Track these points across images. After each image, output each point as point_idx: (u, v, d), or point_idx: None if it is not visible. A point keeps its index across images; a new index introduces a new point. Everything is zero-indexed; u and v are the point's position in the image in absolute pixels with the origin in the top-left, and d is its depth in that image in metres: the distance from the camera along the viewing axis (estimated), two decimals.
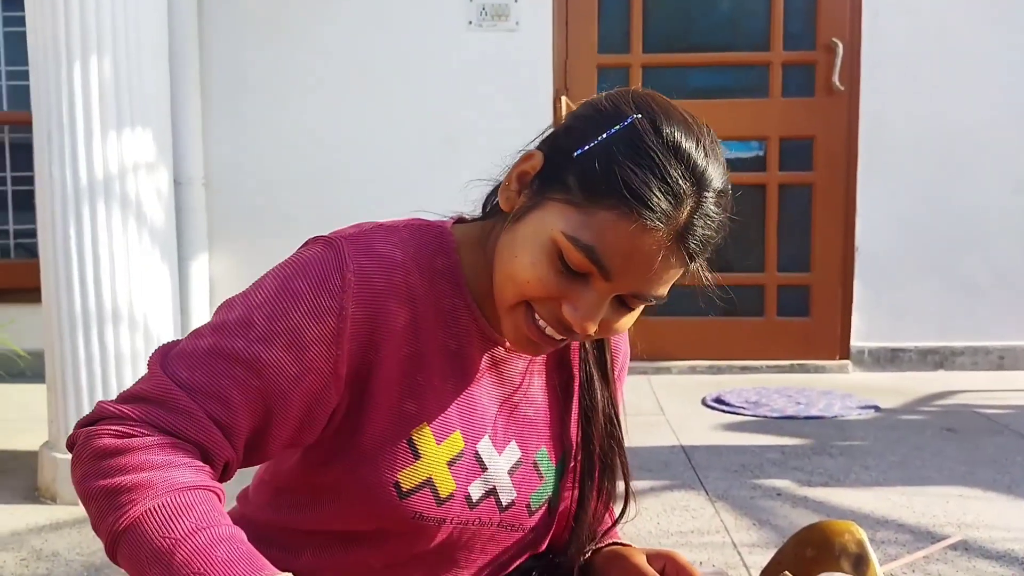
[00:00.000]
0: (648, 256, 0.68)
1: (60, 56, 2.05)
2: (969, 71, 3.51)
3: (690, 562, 0.75)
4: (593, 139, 0.70)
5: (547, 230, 0.70)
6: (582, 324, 0.71)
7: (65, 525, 2.00)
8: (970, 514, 1.98)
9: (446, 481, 0.79)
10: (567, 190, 0.70)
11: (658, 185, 0.67)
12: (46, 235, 2.12)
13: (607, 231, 0.68)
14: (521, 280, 0.72)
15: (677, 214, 0.68)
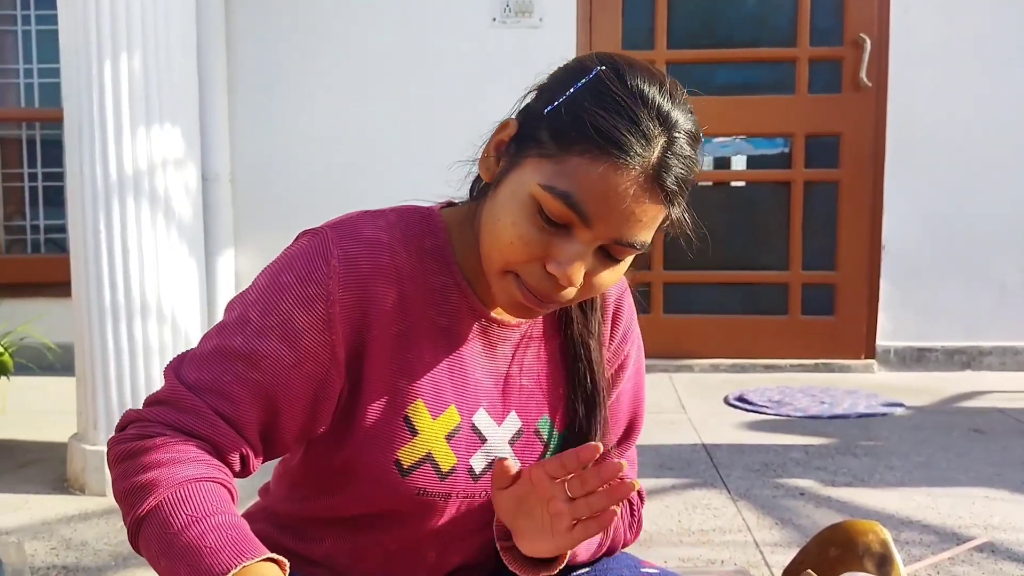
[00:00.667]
0: (624, 196, 0.68)
1: (91, 54, 2.08)
2: (999, 68, 3.45)
3: None
4: (561, 95, 0.71)
5: (524, 187, 0.71)
6: (567, 274, 0.71)
7: (94, 515, 2.04)
8: (997, 516, 1.96)
9: (446, 455, 0.80)
10: (540, 145, 0.71)
11: (626, 126, 0.68)
12: (76, 230, 2.16)
13: (581, 175, 0.68)
14: (504, 242, 0.72)
15: (648, 152, 0.69)
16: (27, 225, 3.99)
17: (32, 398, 3.08)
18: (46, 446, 2.56)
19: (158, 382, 2.17)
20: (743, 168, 3.70)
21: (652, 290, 3.69)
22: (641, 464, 2.37)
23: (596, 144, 0.68)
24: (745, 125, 3.62)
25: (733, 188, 3.76)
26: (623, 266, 0.76)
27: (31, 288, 3.66)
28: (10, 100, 3.97)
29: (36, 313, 3.20)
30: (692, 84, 0.76)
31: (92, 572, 1.75)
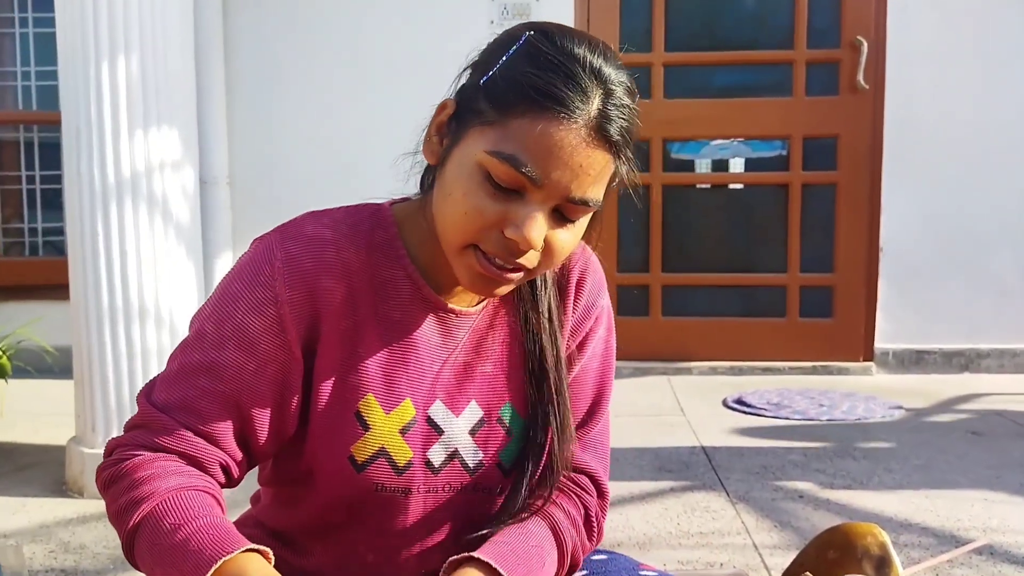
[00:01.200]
0: (569, 150, 0.69)
1: (89, 56, 2.08)
2: (997, 69, 3.46)
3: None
4: (495, 65, 0.72)
5: (471, 157, 0.71)
6: (525, 236, 0.71)
7: (92, 518, 2.04)
8: (995, 518, 1.96)
9: (401, 449, 0.80)
10: (481, 115, 0.71)
11: (562, 81, 0.69)
12: (74, 233, 2.15)
13: (525, 135, 0.69)
14: (459, 216, 0.72)
15: (587, 105, 0.69)
16: (25, 228, 3.99)
17: (30, 401, 3.07)
18: (44, 449, 2.55)
19: None
20: (741, 170, 3.71)
21: (651, 292, 3.69)
22: (640, 466, 2.38)
23: (535, 103, 0.68)
24: (743, 127, 3.63)
25: (731, 190, 3.76)
26: (580, 227, 0.76)
27: (29, 291, 3.66)
28: (7, 103, 3.97)
29: (34, 316, 3.20)
30: (690, 87, 0.76)
31: (90, 575, 1.74)
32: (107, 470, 0.77)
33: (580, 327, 0.87)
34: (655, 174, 3.64)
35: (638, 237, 3.68)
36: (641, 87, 3.12)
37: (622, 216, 3.67)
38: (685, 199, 3.71)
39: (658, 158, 3.63)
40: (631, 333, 3.68)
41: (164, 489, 0.73)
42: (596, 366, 0.88)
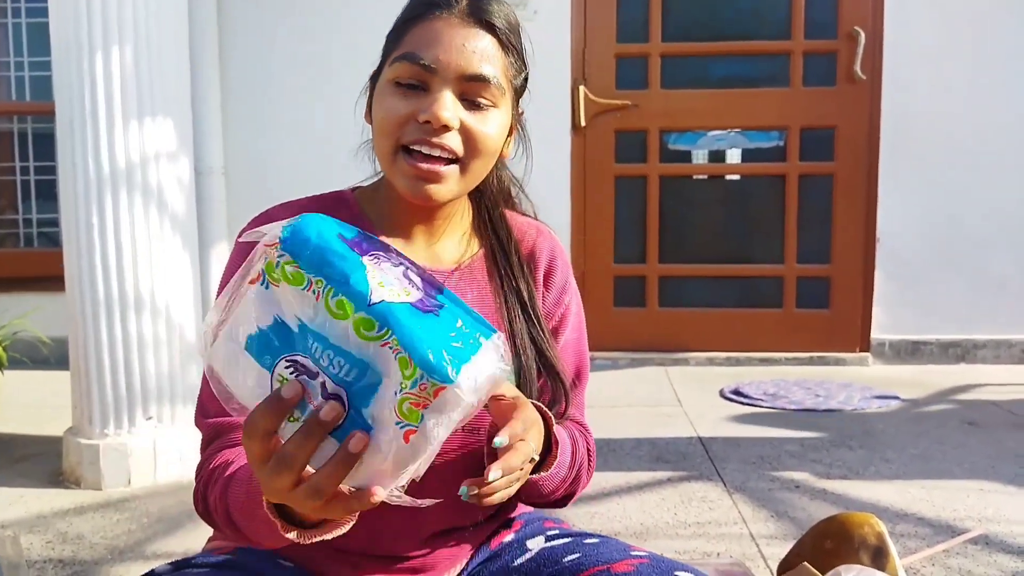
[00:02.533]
0: (451, 33, 0.79)
1: (83, 47, 2.07)
2: (995, 61, 3.46)
3: None
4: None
5: (384, 83, 0.82)
6: (434, 113, 0.78)
7: (89, 509, 2.04)
8: (991, 508, 1.97)
9: None
10: (386, 54, 0.83)
11: None
12: (69, 224, 2.15)
13: (414, 37, 0.80)
14: (383, 124, 0.81)
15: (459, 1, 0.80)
16: (19, 219, 3.97)
17: (26, 392, 3.07)
18: (41, 440, 2.55)
19: (153, 375, 2.16)
20: (738, 161, 3.70)
21: (647, 283, 3.69)
22: (637, 457, 2.38)
23: (418, 12, 0.81)
24: (740, 118, 3.62)
25: (728, 181, 3.76)
26: (495, 118, 0.82)
27: (24, 282, 3.65)
28: (1, 94, 3.95)
29: (29, 307, 3.19)
30: (687, 77, 0.78)
31: (88, 565, 1.74)
32: (198, 483, 0.81)
33: (559, 304, 0.93)
34: (652, 164, 3.63)
35: (635, 228, 3.68)
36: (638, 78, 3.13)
37: (619, 207, 3.67)
38: (682, 190, 3.70)
39: (655, 149, 3.62)
40: (628, 324, 3.68)
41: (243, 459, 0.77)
42: (575, 338, 0.95)
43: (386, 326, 0.56)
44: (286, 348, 0.58)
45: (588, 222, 3.65)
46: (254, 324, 0.58)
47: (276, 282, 0.57)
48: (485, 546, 0.93)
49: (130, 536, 1.88)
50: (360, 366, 0.56)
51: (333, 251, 0.58)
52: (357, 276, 0.57)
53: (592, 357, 3.56)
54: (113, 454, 2.15)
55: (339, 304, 0.56)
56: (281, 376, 0.58)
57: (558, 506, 0.92)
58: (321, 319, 0.57)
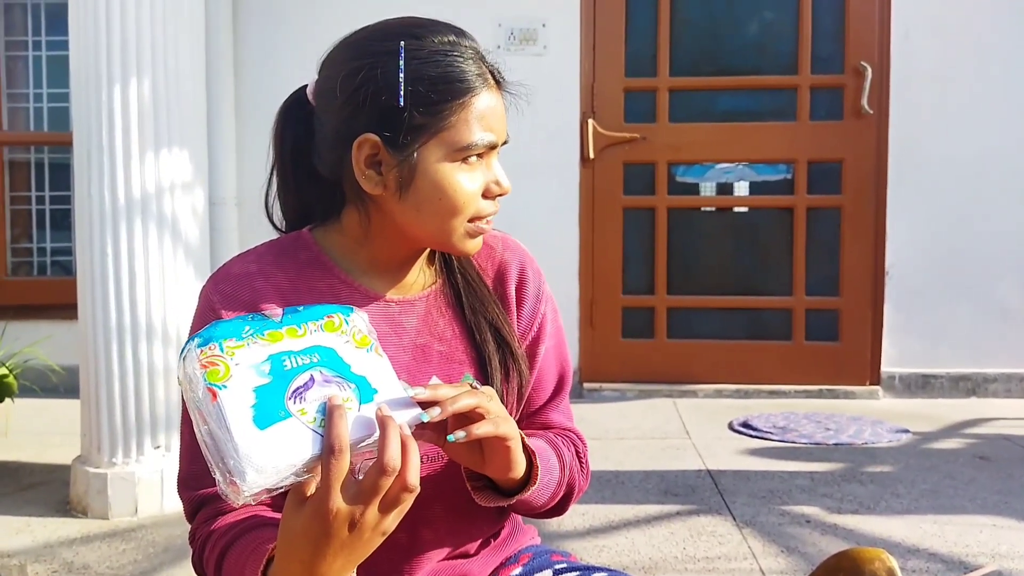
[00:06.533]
0: (495, 106, 0.83)
1: (101, 79, 2.11)
2: (1001, 94, 3.48)
3: None
4: (397, 83, 0.79)
5: (440, 162, 0.80)
6: (508, 186, 0.84)
7: (96, 538, 2.03)
8: (1004, 544, 1.94)
9: None
10: (425, 128, 0.79)
11: (460, 64, 0.80)
12: (84, 252, 2.17)
13: (470, 120, 0.80)
14: (459, 207, 0.81)
15: (481, 69, 0.82)
16: (33, 248, 4.01)
17: (36, 420, 3.07)
18: (49, 468, 2.55)
19: (163, 404, 2.17)
20: (746, 194, 3.72)
21: (656, 315, 3.69)
22: (645, 490, 2.37)
23: (456, 93, 0.79)
24: (747, 151, 3.64)
25: (736, 214, 3.77)
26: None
27: (36, 310, 3.67)
28: (19, 124, 4.01)
29: (40, 335, 3.21)
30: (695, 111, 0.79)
31: None
32: (194, 553, 0.82)
33: (535, 314, 0.94)
34: (660, 197, 3.65)
35: (644, 260, 3.69)
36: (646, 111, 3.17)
37: (627, 239, 3.68)
38: (690, 222, 3.72)
39: (663, 181, 3.64)
40: (636, 355, 3.67)
41: (231, 534, 0.78)
42: (554, 344, 0.96)
43: (298, 322, 0.69)
44: (280, 393, 0.63)
45: (596, 253, 3.66)
46: (247, 410, 0.62)
47: (224, 377, 0.63)
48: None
49: (136, 566, 1.88)
50: (318, 351, 0.67)
51: (230, 321, 0.68)
52: (257, 320, 0.68)
53: (599, 388, 3.58)
54: (121, 483, 2.15)
55: (270, 335, 0.66)
56: (301, 410, 0.63)
57: (557, 512, 0.92)
58: (276, 345, 0.66)
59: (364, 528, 0.62)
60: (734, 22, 3.67)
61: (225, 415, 0.61)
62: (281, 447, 0.61)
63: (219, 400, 0.61)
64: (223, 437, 0.60)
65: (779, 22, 3.64)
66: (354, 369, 0.67)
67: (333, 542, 0.62)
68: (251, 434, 0.60)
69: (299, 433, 0.62)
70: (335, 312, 0.70)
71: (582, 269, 3.65)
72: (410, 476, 0.62)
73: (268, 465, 0.60)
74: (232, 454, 0.60)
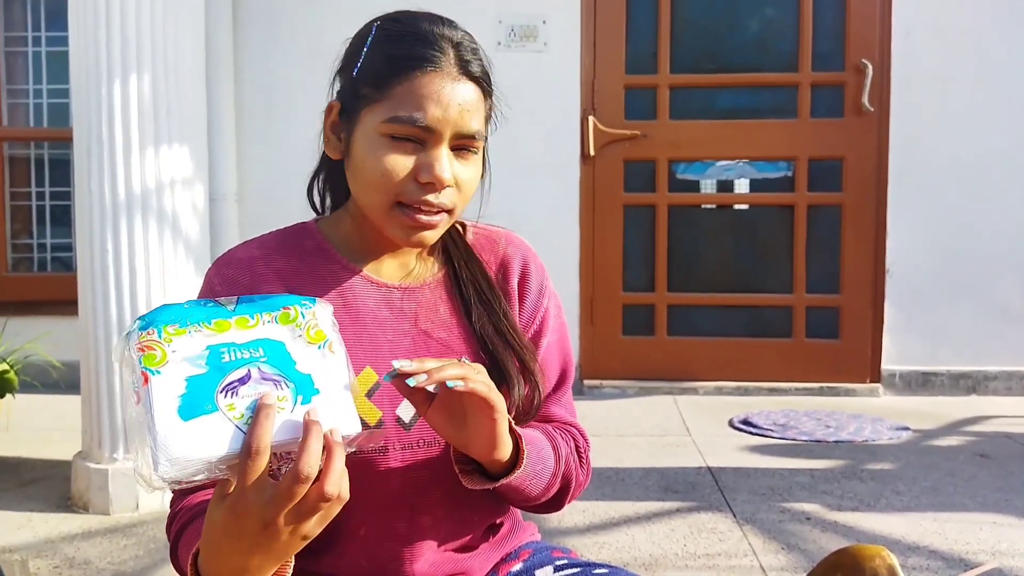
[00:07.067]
0: (447, 92, 0.80)
1: (101, 75, 2.11)
2: (1002, 93, 3.48)
3: None
4: (359, 57, 0.83)
5: (371, 131, 0.81)
6: (437, 175, 0.80)
7: (97, 534, 2.03)
8: (1004, 542, 1.94)
9: (370, 410, 0.84)
10: (366, 98, 0.82)
11: (420, 44, 0.81)
12: (84, 248, 2.17)
13: (409, 95, 0.80)
14: (377, 180, 0.81)
15: (445, 54, 0.81)
16: (34, 244, 4.01)
17: (36, 416, 3.08)
18: (50, 464, 2.55)
19: None
20: (746, 191, 3.72)
21: (656, 312, 3.69)
22: (646, 487, 2.37)
23: (407, 67, 0.80)
24: (748, 149, 3.64)
25: (736, 211, 3.77)
26: (477, 162, 0.86)
27: (36, 306, 3.67)
28: (19, 120, 4.01)
29: (41, 331, 3.21)
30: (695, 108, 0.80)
31: None
32: (167, 527, 0.84)
33: (537, 308, 0.94)
34: (661, 194, 3.65)
35: (644, 257, 3.69)
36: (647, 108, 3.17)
37: (628, 236, 3.68)
38: (691, 219, 3.72)
39: (664, 178, 3.64)
40: (637, 352, 3.67)
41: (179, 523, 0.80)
42: (557, 339, 0.96)
43: (251, 312, 0.67)
44: (212, 386, 0.62)
45: (597, 251, 3.66)
46: (175, 399, 0.61)
47: (160, 363, 0.62)
48: (494, 574, 0.93)
49: (137, 562, 1.88)
50: (263, 345, 0.65)
51: (176, 305, 0.67)
52: (207, 307, 0.67)
53: (600, 385, 3.58)
54: (122, 479, 2.15)
55: (217, 324, 0.65)
56: (230, 406, 0.62)
57: (554, 506, 0.92)
58: (219, 336, 0.64)
59: (279, 531, 0.62)
60: (735, 19, 3.67)
61: (152, 401, 0.61)
62: (199, 441, 0.60)
63: (150, 385, 0.61)
64: (147, 423, 0.60)
65: (780, 19, 3.63)
66: (299, 367, 0.65)
67: (247, 541, 0.62)
68: (173, 424, 0.60)
69: (221, 428, 0.61)
70: (293, 304, 0.68)
71: (582, 266, 3.65)
72: (327, 485, 0.61)
73: (182, 457, 0.60)
74: (149, 441, 0.60)
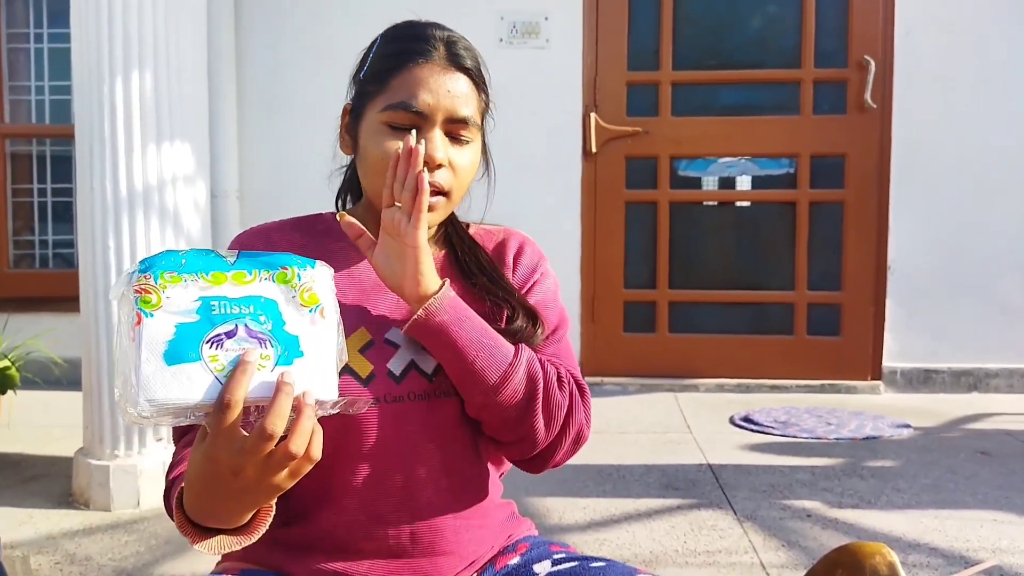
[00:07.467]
0: (437, 80, 0.90)
1: (103, 72, 2.11)
2: (1004, 88, 3.47)
3: None
4: (366, 62, 0.94)
5: (373, 124, 0.91)
6: (431, 153, 0.88)
7: (98, 530, 2.04)
8: (1005, 539, 1.94)
9: (363, 364, 0.88)
10: (368, 95, 0.92)
11: (413, 40, 0.91)
12: (86, 245, 2.17)
13: (402, 85, 0.89)
14: (379, 163, 0.89)
15: (436, 47, 0.91)
16: (35, 240, 4.02)
17: (38, 412, 3.08)
18: (51, 460, 2.56)
19: None
20: (748, 188, 3.71)
21: (657, 309, 3.69)
22: (646, 483, 2.37)
23: (400, 62, 0.90)
24: (750, 145, 3.64)
25: (738, 208, 3.77)
26: (473, 150, 0.94)
27: (38, 303, 3.68)
28: (21, 116, 4.01)
29: (43, 328, 3.22)
30: (697, 105, 0.84)
31: None
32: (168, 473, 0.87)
33: (531, 274, 1.00)
34: (662, 191, 3.65)
35: (645, 254, 3.69)
36: (648, 105, 3.18)
37: (629, 233, 3.68)
38: (692, 216, 3.71)
39: (665, 175, 3.64)
40: (638, 349, 3.67)
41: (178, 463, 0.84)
42: (551, 296, 1.00)
43: (249, 268, 0.69)
44: (200, 336, 0.65)
45: (598, 247, 3.66)
46: (162, 344, 0.65)
47: (155, 306, 0.65)
48: (491, 567, 0.94)
49: (138, 558, 1.88)
50: (255, 302, 0.68)
51: (177, 252, 0.69)
52: (208, 257, 0.69)
53: (601, 382, 3.58)
54: (123, 475, 2.15)
55: (214, 277, 0.68)
56: (213, 357, 0.65)
57: (534, 439, 0.89)
58: (213, 289, 0.67)
59: (248, 481, 0.66)
60: (737, 16, 3.66)
61: (141, 341, 0.64)
62: (179, 386, 0.64)
63: (142, 325, 0.64)
64: (133, 360, 0.64)
65: (782, 16, 3.63)
66: (288, 327, 0.68)
67: (220, 486, 0.67)
68: (157, 366, 0.64)
69: (201, 378, 0.64)
70: (292, 264, 0.70)
71: (584, 263, 3.65)
72: (293, 444, 0.64)
73: (160, 399, 0.63)
74: (133, 379, 0.64)
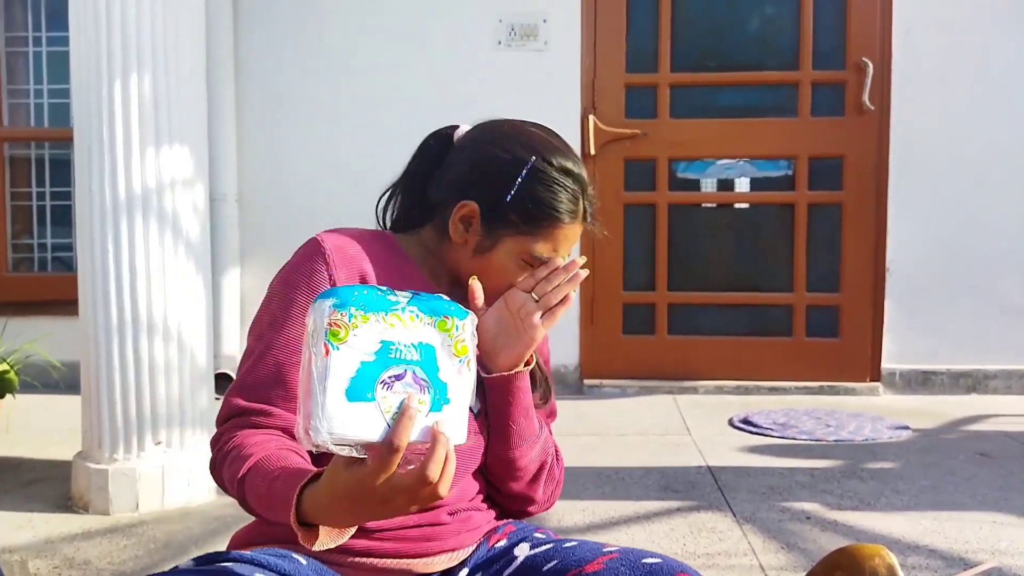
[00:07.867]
0: (575, 233, 1.02)
1: (102, 75, 2.11)
2: (1002, 90, 3.47)
3: None
4: (513, 185, 0.98)
5: (514, 257, 1.00)
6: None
7: (97, 534, 2.04)
8: (1004, 541, 1.94)
9: None
10: (515, 225, 0.99)
11: (568, 198, 0.99)
12: (84, 248, 2.17)
13: (551, 239, 0.99)
14: (503, 285, 1.00)
15: (580, 206, 1.01)
16: (34, 244, 4.02)
17: (37, 416, 3.08)
18: (50, 464, 2.55)
19: (163, 400, 2.17)
20: (747, 190, 3.72)
21: (656, 311, 3.69)
22: (646, 486, 2.37)
23: (555, 218, 0.99)
24: (748, 147, 3.64)
25: (737, 210, 3.77)
26: None
27: (37, 306, 3.67)
28: (20, 119, 4.01)
29: (41, 331, 3.21)
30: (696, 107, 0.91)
31: None
32: (215, 455, 0.92)
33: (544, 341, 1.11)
34: (661, 193, 3.65)
35: (644, 256, 3.69)
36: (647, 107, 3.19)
37: (628, 235, 3.68)
38: (691, 218, 3.72)
39: (664, 177, 3.64)
40: (637, 351, 3.67)
41: (262, 450, 0.87)
42: (549, 351, 1.14)
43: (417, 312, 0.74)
44: (376, 376, 0.71)
45: (597, 250, 3.66)
46: (346, 380, 0.70)
47: (342, 340, 0.70)
48: (485, 542, 1.01)
49: (137, 562, 1.88)
50: (421, 349, 0.73)
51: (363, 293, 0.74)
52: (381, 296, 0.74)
53: (600, 384, 3.59)
54: (122, 479, 2.15)
55: (394, 317, 0.73)
56: (384, 398, 0.71)
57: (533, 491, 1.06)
58: (391, 332, 0.72)
59: (390, 508, 0.74)
60: (735, 18, 3.67)
61: (328, 373, 0.69)
62: (356, 423, 0.69)
63: (330, 357, 0.69)
64: (318, 390, 0.69)
65: (780, 18, 3.63)
66: (441, 375, 0.74)
67: (366, 507, 0.74)
68: (339, 401, 0.69)
69: (374, 418, 0.70)
70: (452, 314, 0.76)
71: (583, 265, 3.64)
72: (441, 488, 0.72)
73: (339, 433, 0.69)
74: (317, 409, 0.68)
